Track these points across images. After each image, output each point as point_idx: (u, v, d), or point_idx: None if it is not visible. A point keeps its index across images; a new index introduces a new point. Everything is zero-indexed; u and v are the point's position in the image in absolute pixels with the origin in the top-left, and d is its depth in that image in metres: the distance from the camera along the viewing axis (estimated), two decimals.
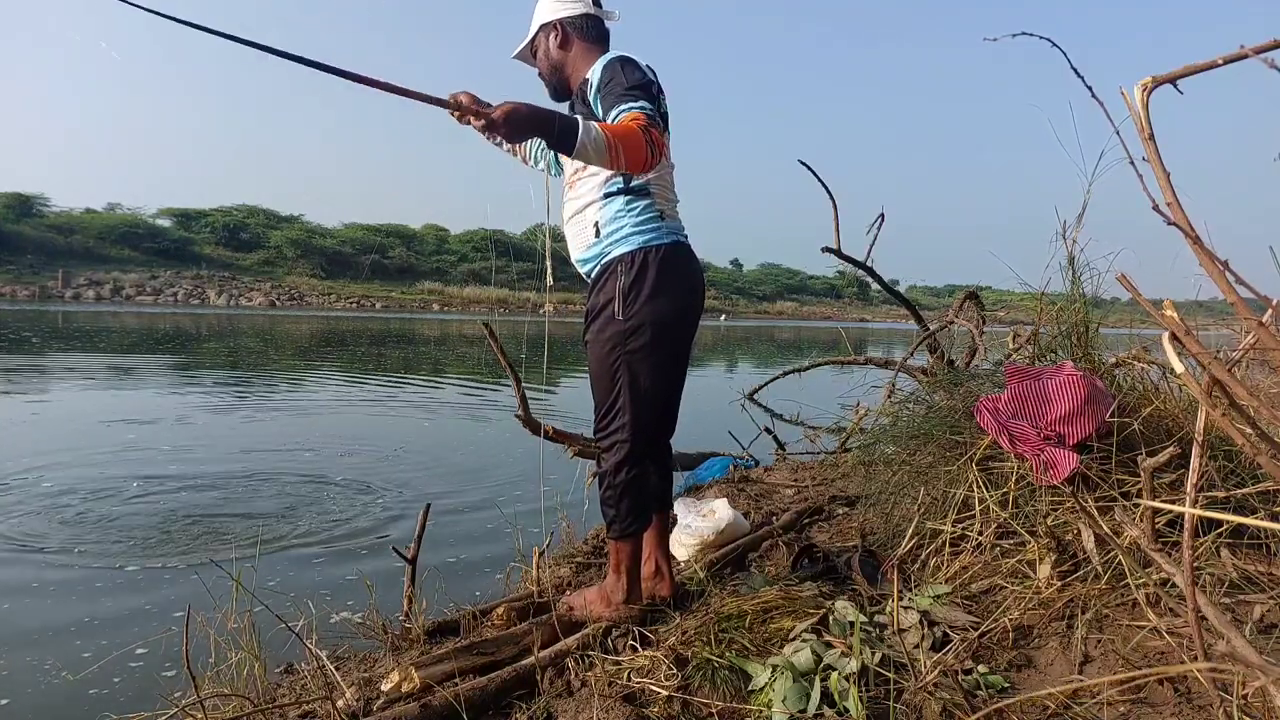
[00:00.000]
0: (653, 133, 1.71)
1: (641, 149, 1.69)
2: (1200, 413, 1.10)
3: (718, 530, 2.61)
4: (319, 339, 16.96)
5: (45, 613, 2.53)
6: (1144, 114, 0.91)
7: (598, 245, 1.97)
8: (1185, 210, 0.89)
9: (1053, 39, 1.24)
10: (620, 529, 1.99)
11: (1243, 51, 0.82)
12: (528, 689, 1.73)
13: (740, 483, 3.80)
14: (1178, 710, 1.45)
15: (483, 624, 2.09)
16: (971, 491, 2.17)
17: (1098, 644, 1.69)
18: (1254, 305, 0.90)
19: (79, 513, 3.57)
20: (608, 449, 1.99)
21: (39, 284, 30.93)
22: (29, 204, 36.43)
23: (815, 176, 4.55)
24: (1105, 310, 2.78)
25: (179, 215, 41.58)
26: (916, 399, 2.96)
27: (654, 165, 1.75)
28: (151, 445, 5.12)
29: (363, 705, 1.64)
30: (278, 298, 35.74)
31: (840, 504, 3.26)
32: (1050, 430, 2.10)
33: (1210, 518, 1.77)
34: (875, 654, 1.62)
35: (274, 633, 2.27)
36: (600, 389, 2.00)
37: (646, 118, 1.72)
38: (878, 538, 2.48)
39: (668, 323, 1.94)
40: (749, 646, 1.72)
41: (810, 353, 16.00)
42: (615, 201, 1.94)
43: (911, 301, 5.41)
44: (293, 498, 3.98)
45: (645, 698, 1.64)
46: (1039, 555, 1.94)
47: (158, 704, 1.76)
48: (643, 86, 1.81)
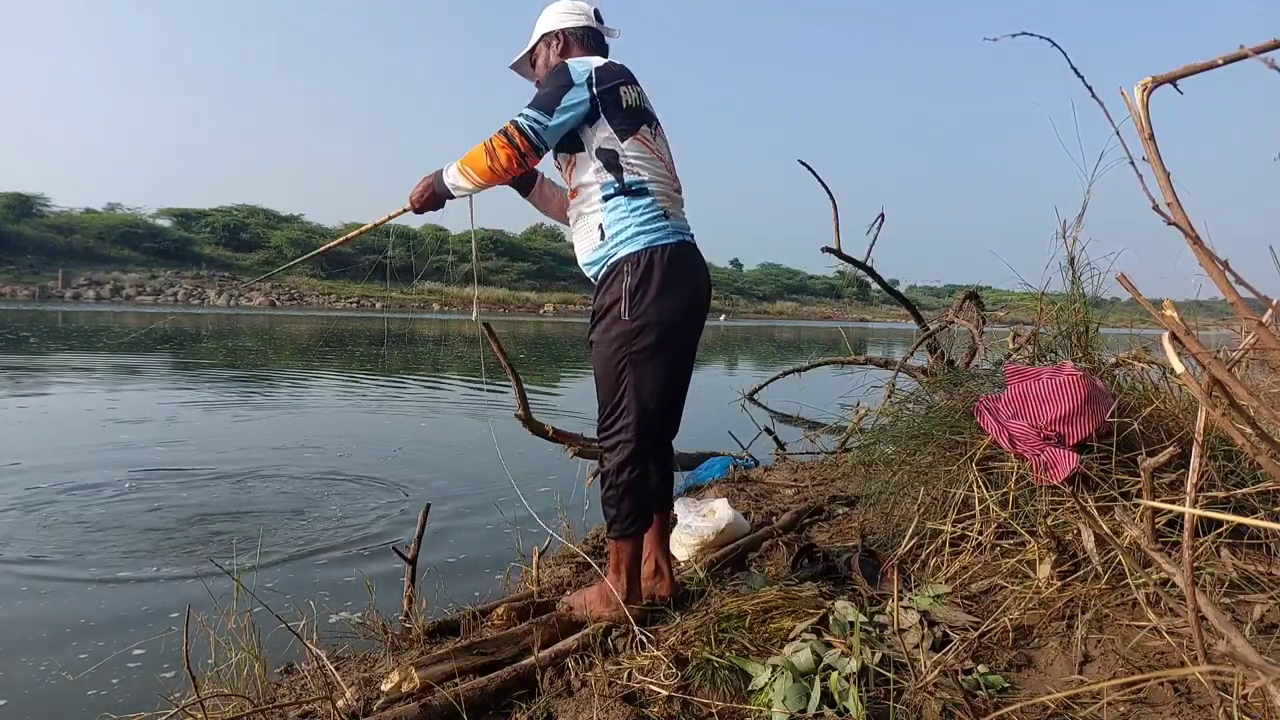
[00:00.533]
0: (512, 134, 1.89)
1: (480, 158, 1.93)
2: (1200, 413, 1.10)
3: (718, 530, 2.61)
4: (319, 339, 16.95)
5: (43, 613, 2.53)
6: (1144, 114, 0.91)
7: (603, 248, 1.98)
8: (1185, 210, 0.89)
9: (1052, 39, 1.24)
10: (621, 529, 1.99)
11: (1243, 51, 0.82)
12: (528, 689, 1.73)
13: (740, 483, 3.80)
14: (1178, 710, 1.45)
15: (483, 624, 2.09)
16: (971, 491, 2.17)
17: (1098, 644, 1.69)
18: (1254, 305, 0.90)
19: (77, 513, 3.57)
20: (611, 448, 1.99)
21: (39, 284, 30.93)
22: (29, 204, 36.43)
23: (815, 176, 4.56)
24: (1105, 310, 2.78)
25: (179, 215, 41.57)
26: (916, 399, 2.96)
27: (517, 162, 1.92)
28: (148, 445, 5.12)
29: (363, 705, 1.64)
30: (278, 298, 35.73)
31: (840, 504, 3.26)
32: (1050, 430, 2.10)
33: (1210, 518, 1.77)
34: (875, 654, 1.62)
35: (274, 633, 2.27)
36: (605, 389, 2.00)
37: (513, 124, 1.90)
38: (878, 538, 2.48)
39: (673, 323, 1.94)
40: (749, 646, 1.72)
41: (810, 353, 16.00)
42: (616, 203, 1.95)
43: (911, 301, 5.42)
44: (292, 498, 3.98)
45: (645, 698, 1.64)
46: (1039, 555, 1.94)
47: (157, 704, 1.76)
48: (548, 94, 1.92)
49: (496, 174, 1.95)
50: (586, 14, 2.12)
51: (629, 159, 1.95)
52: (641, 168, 1.96)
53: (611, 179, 1.95)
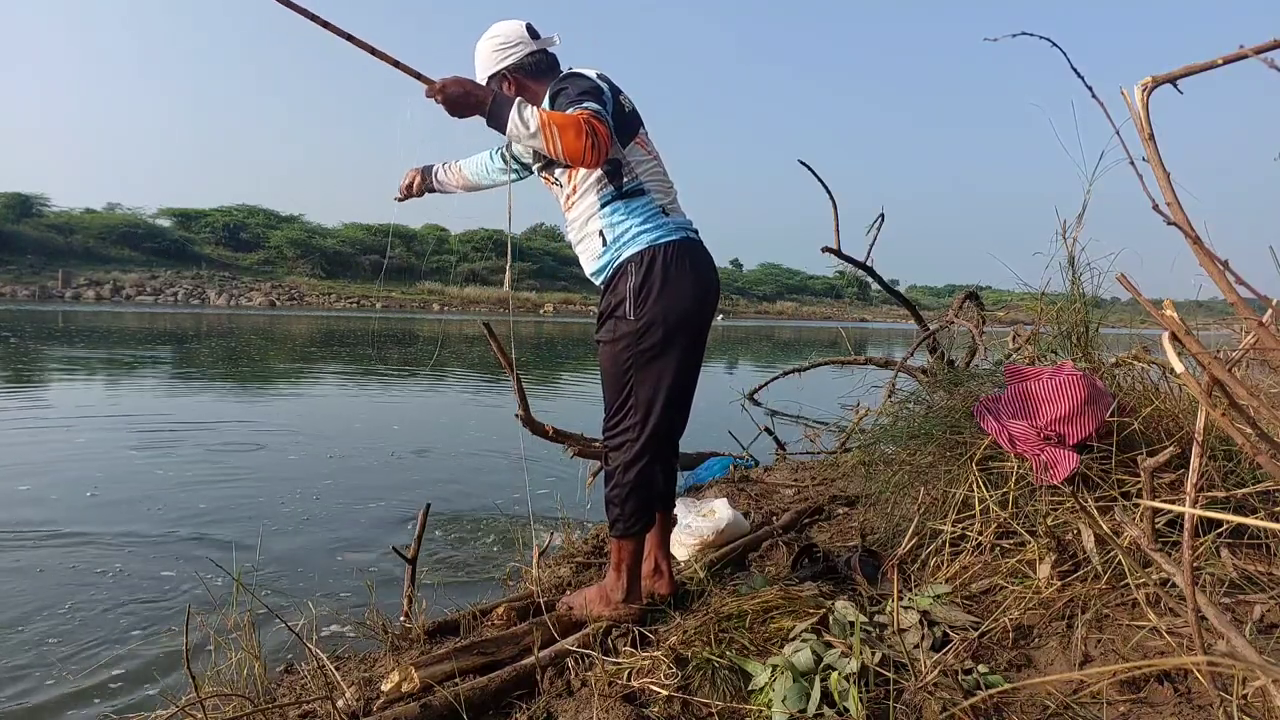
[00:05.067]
0: (596, 126, 1.72)
1: (580, 135, 1.70)
2: (1200, 413, 1.10)
3: (718, 530, 2.61)
4: (319, 339, 16.95)
5: (43, 613, 2.53)
6: (1144, 114, 0.91)
7: (607, 253, 1.97)
8: (1185, 210, 0.89)
9: (1052, 39, 1.24)
10: (624, 528, 1.99)
11: (1242, 51, 0.82)
12: (528, 689, 1.73)
13: (740, 483, 3.80)
14: (1178, 710, 1.45)
15: (483, 624, 2.09)
16: (971, 491, 2.17)
17: (1098, 644, 1.69)
18: (1254, 305, 0.90)
19: (75, 513, 3.57)
20: (616, 448, 1.99)
21: (39, 284, 30.93)
22: (29, 204, 36.44)
23: (815, 176, 4.56)
24: (1105, 310, 2.78)
25: (179, 215, 41.62)
26: (916, 399, 2.96)
27: (596, 160, 1.74)
28: (146, 443, 5.12)
29: (363, 705, 1.64)
30: (278, 298, 35.75)
31: (840, 504, 3.26)
32: (1050, 430, 2.10)
33: (1210, 518, 1.77)
34: (875, 654, 1.62)
35: (274, 633, 2.28)
36: (611, 388, 2.00)
37: (592, 114, 1.73)
38: (878, 538, 2.49)
39: (679, 321, 1.93)
40: (749, 646, 1.72)
41: (810, 353, 16.00)
42: (614, 208, 1.95)
43: (911, 301, 5.42)
44: (293, 498, 3.98)
45: (645, 697, 1.64)
46: (1039, 555, 1.94)
47: (158, 704, 1.77)
48: (590, 92, 1.83)
49: (573, 154, 1.72)
50: (523, 39, 2.01)
51: (629, 164, 1.95)
52: (639, 170, 1.96)
53: (611, 187, 1.95)
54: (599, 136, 1.71)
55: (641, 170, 1.97)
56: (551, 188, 2.10)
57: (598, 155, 1.72)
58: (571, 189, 2.01)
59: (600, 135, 1.71)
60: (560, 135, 1.69)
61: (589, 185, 1.97)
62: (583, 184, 1.98)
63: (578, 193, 2.00)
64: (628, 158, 1.95)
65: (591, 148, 1.70)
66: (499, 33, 2.01)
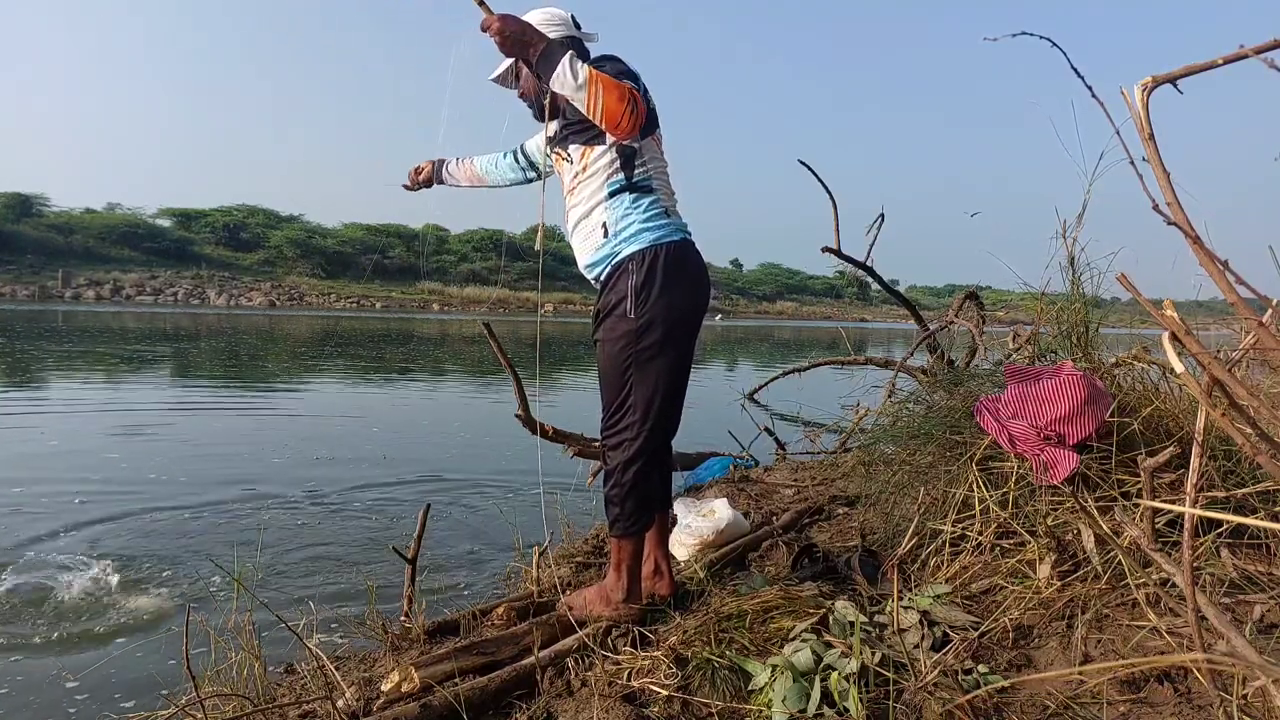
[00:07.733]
0: (638, 99, 1.76)
1: (623, 100, 1.74)
2: (1200, 413, 1.10)
3: (718, 530, 2.61)
4: (319, 339, 16.95)
5: (42, 612, 2.53)
6: (1144, 114, 0.91)
7: (607, 245, 1.97)
8: (1185, 210, 0.89)
9: (1052, 39, 1.24)
10: (624, 527, 1.99)
11: (1242, 51, 0.82)
12: (528, 689, 1.73)
13: (740, 483, 3.80)
14: (1178, 710, 1.45)
15: (483, 624, 2.09)
16: (971, 491, 2.18)
17: (1098, 644, 1.69)
18: (1254, 305, 0.90)
19: (75, 512, 3.57)
20: (614, 447, 1.99)
21: (39, 284, 30.94)
22: (29, 204, 36.45)
23: (815, 176, 4.56)
24: (1105, 310, 2.78)
25: (179, 215, 41.61)
26: (916, 399, 2.96)
27: (631, 130, 1.79)
28: (144, 444, 5.12)
29: (363, 705, 1.64)
30: (278, 298, 35.74)
31: (840, 504, 3.26)
32: (1050, 430, 2.10)
33: (1210, 518, 1.77)
34: (875, 654, 1.62)
35: (274, 633, 2.28)
36: (610, 387, 2.00)
37: (634, 89, 1.78)
38: (878, 538, 2.48)
39: (678, 321, 1.94)
40: (749, 646, 1.72)
41: (810, 353, 16.00)
42: (621, 199, 1.95)
43: (911, 301, 5.42)
44: (293, 498, 3.98)
45: (645, 698, 1.64)
46: (1039, 555, 1.94)
47: (158, 704, 1.76)
48: (629, 74, 1.87)
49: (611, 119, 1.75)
50: (566, 22, 2.03)
51: (644, 158, 1.96)
52: (651, 166, 1.98)
53: (622, 175, 1.95)
54: (639, 109, 1.76)
55: (654, 167, 1.98)
56: (560, 164, 2.08)
57: (634, 125, 1.77)
58: (581, 167, 1.99)
59: (640, 109, 1.77)
60: (604, 94, 1.74)
61: (600, 167, 1.96)
62: (594, 163, 1.97)
63: (587, 172, 1.98)
64: (643, 152, 1.96)
65: (630, 114, 1.75)
66: (549, 10, 2.06)
